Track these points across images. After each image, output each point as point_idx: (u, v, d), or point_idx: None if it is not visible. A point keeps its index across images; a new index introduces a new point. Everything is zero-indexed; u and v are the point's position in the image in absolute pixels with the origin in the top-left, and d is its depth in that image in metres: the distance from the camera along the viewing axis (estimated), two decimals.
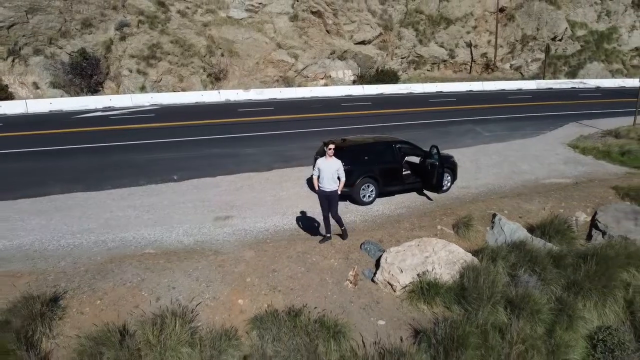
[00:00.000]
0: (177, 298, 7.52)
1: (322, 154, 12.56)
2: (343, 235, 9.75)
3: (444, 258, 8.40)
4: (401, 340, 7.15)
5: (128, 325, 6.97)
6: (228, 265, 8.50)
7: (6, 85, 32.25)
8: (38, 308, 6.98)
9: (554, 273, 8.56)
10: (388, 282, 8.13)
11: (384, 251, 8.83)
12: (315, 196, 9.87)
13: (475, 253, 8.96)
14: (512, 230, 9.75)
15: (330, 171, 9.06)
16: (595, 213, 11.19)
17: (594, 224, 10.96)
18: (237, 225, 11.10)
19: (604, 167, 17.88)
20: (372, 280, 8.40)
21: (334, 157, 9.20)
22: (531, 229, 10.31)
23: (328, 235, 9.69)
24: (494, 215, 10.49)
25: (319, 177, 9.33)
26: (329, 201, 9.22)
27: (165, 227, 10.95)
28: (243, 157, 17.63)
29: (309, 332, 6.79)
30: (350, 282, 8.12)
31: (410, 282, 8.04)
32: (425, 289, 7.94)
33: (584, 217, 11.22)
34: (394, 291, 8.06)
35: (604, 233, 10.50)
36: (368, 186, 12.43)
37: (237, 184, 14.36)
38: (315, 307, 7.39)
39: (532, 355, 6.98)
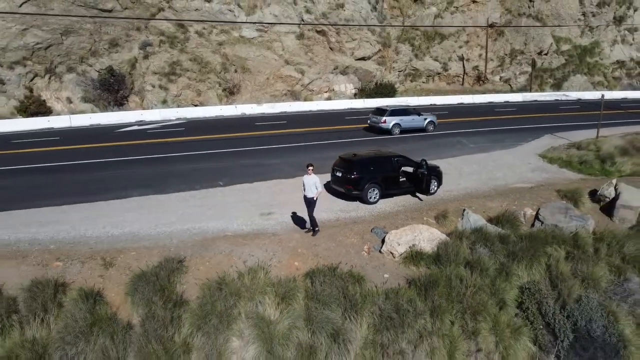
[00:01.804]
0: (257, 261, 12.10)
1: (338, 165, 17.28)
2: (313, 230, 13.75)
3: (427, 237, 13.06)
4: (399, 285, 11.78)
5: (229, 276, 11.53)
6: (284, 242, 13.13)
7: (44, 100, 36.77)
8: (174, 266, 11.56)
9: (499, 247, 13.24)
10: (390, 252, 12.78)
11: (386, 233, 13.47)
12: (332, 197, 14.44)
13: (448, 234, 13.67)
14: (475, 220, 14.40)
15: (310, 184, 13.32)
16: (539, 209, 15.86)
17: (537, 216, 15.62)
18: (278, 218, 15.67)
19: (564, 174, 22.54)
20: (380, 251, 13.06)
21: (313, 174, 13.37)
22: (490, 220, 14.99)
23: (311, 229, 13.90)
24: (464, 210, 15.14)
25: (304, 188, 13.59)
26: (308, 204, 13.53)
27: (225, 219, 15.48)
28: (269, 167, 22.16)
29: (342, 279, 11.41)
30: (366, 252, 12.76)
31: (404, 252, 12.70)
32: (414, 256, 12.63)
33: (530, 212, 15.90)
34: (394, 257, 12.71)
35: (542, 222, 15.17)
36: (373, 190, 17.04)
37: (271, 189, 18.89)
38: (345, 264, 12.03)
39: (480, 294, 11.61)
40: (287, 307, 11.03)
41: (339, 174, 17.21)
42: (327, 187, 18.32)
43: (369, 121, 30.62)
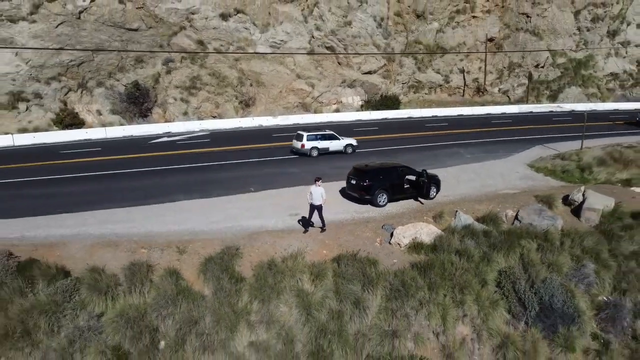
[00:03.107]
0: (294, 250, 16.00)
1: (353, 174, 21.17)
2: (323, 229, 17.53)
3: (426, 232, 16.97)
4: (404, 267, 15.69)
5: (275, 260, 15.43)
6: (313, 236, 17.06)
7: (77, 113, 40.92)
8: (233, 252, 15.49)
9: (483, 239, 17.13)
10: (397, 243, 16.69)
11: (394, 229, 17.38)
12: (345, 200, 18.33)
13: (443, 230, 17.58)
14: (465, 219, 18.29)
15: (317, 193, 17.13)
16: (518, 210, 19.73)
17: (516, 216, 19.50)
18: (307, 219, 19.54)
19: (548, 182, 26.40)
20: (389, 243, 16.97)
21: (320, 186, 17.14)
22: (477, 219, 18.87)
23: (321, 227, 17.61)
24: (457, 211, 19.04)
25: (311, 196, 17.30)
26: (317, 210, 17.25)
27: (262, 219, 19.36)
28: (291, 175, 26.07)
29: (361, 262, 15.31)
30: (378, 243, 16.68)
31: (408, 243, 16.60)
32: (416, 246, 16.54)
33: (511, 213, 19.78)
34: (400, 247, 16.62)
35: (520, 221, 19.04)
36: (382, 195, 20.92)
37: (296, 194, 22.71)
38: (363, 252, 15.96)
39: (466, 275, 15.49)
40: (320, 282, 14.94)
41: (353, 182, 21.12)
42: (343, 192, 22.27)
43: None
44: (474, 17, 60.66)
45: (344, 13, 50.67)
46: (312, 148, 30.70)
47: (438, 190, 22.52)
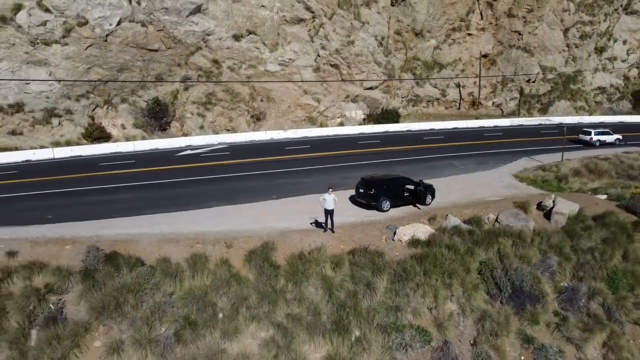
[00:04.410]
0: (317, 245, 20.64)
1: (360, 184, 25.85)
2: (333, 230, 22.04)
3: (422, 231, 21.66)
4: (404, 258, 20.36)
5: (304, 252, 20.06)
6: (332, 234, 21.71)
7: (103, 127, 45.57)
8: (270, 246, 20.12)
9: (468, 237, 21.85)
10: (399, 240, 21.39)
11: (397, 228, 22.07)
12: (354, 206, 23.06)
13: (436, 230, 22.30)
14: (454, 221, 22.98)
15: (330, 199, 21.61)
16: (498, 214, 24.44)
17: (497, 219, 24.20)
18: (322, 221, 24.18)
19: (529, 190, 31.07)
20: (392, 240, 21.68)
21: (332, 194, 21.62)
22: (464, 221, 23.57)
23: (331, 228, 22.16)
24: (447, 215, 23.75)
25: (325, 202, 21.92)
26: (330, 214, 21.85)
27: (287, 221, 23.94)
28: (305, 185, 30.68)
29: (370, 254, 19.98)
30: (384, 240, 21.37)
31: (408, 239, 21.30)
32: (414, 242, 21.26)
33: (492, 216, 24.48)
34: (402, 243, 21.31)
35: (499, 223, 23.74)
36: (386, 202, 25.56)
37: (312, 201, 27.29)
38: (372, 246, 20.64)
39: (453, 264, 20.16)
40: (339, 269, 19.60)
41: (361, 190, 25.81)
42: (352, 199, 26.92)
43: None
44: (469, 34, 65.90)
45: (348, 33, 55.69)
46: (597, 140, 45.30)
47: (433, 197, 27.17)
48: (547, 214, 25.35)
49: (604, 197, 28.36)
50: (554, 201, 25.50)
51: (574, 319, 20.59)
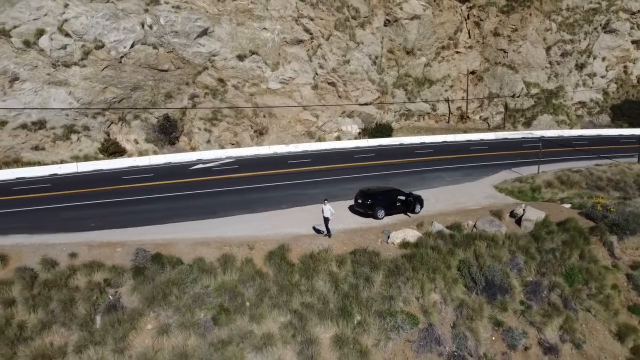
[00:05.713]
0: (325, 246, 25.41)
1: (359, 195, 30.72)
2: (329, 235, 26.99)
3: (411, 235, 26.55)
4: (397, 257, 25.20)
5: (314, 252, 24.83)
6: (335, 238, 26.54)
7: (118, 142, 50.11)
8: (285, 247, 24.84)
9: (449, 240, 26.78)
10: (392, 242, 26.26)
11: (390, 232, 26.94)
12: (353, 215, 27.96)
13: (423, 234, 27.22)
14: (438, 226, 27.90)
15: (327, 209, 26.29)
16: (476, 220, 29.38)
17: (475, 225, 29.12)
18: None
19: (506, 200, 36.08)
20: (387, 242, 26.54)
21: (328, 205, 26.52)
22: (447, 226, 28.49)
23: (327, 233, 27.09)
24: (433, 222, 28.67)
25: (323, 211, 26.69)
26: (326, 221, 26.57)
27: (297, 227, 28.66)
28: (311, 196, 35.38)
29: (369, 253, 24.79)
30: (380, 242, 26.19)
31: (400, 242, 26.19)
32: (404, 244, 26.15)
33: (471, 222, 29.44)
34: (395, 244, 26.19)
35: (477, 228, 28.67)
36: (381, 210, 30.39)
37: (316, 210, 32.06)
38: (370, 247, 25.46)
39: (437, 262, 25.02)
40: (342, 266, 24.38)
41: (359, 201, 30.64)
42: (351, 209, 31.70)
43: None
44: (457, 52, 71.45)
45: (344, 53, 60.86)
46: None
47: (422, 207, 32.04)
48: (518, 221, 30.34)
49: (569, 205, 33.42)
50: (524, 209, 30.50)
51: (536, 307, 25.48)
